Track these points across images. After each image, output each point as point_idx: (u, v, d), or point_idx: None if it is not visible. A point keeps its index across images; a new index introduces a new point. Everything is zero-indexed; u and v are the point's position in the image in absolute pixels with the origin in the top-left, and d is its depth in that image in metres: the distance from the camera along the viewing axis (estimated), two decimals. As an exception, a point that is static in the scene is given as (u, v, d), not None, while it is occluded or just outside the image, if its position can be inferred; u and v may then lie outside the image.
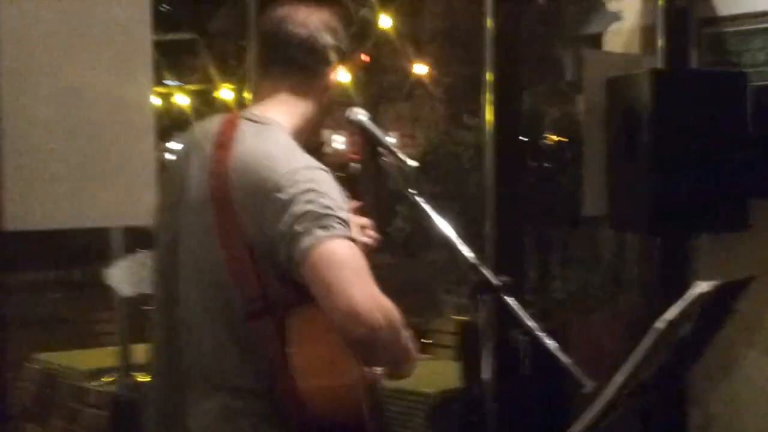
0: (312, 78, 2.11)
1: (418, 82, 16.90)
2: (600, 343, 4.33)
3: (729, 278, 2.71)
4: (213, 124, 2.07)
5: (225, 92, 11.65)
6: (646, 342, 2.18)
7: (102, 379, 4.49)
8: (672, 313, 2.21)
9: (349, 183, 2.50)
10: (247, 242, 1.87)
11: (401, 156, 2.39)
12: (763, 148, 4.17)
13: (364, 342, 1.72)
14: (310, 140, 2.38)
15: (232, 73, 10.80)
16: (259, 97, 2.14)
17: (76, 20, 2.86)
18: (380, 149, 2.41)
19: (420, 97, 20.77)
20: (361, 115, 2.38)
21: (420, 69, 15.08)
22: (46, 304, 9.97)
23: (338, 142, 20.94)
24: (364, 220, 2.13)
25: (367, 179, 8.26)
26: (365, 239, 2.06)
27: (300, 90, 2.10)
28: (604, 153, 4.21)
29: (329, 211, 1.82)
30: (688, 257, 4.36)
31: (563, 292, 5.93)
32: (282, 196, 1.84)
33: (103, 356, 4.75)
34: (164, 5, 11.13)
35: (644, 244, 4.58)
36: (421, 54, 14.92)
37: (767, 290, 4.11)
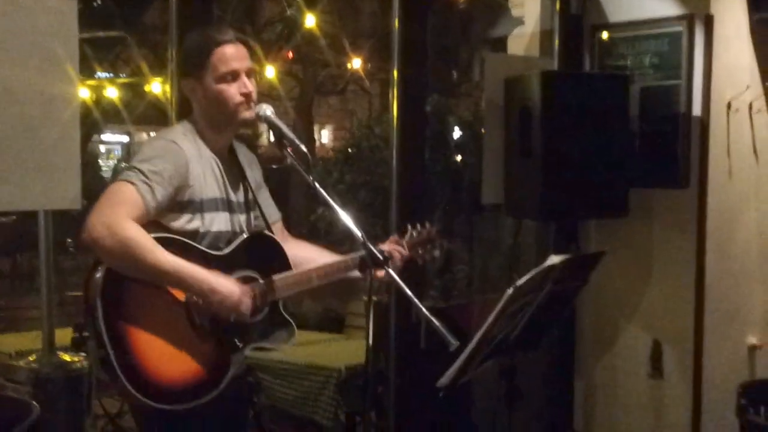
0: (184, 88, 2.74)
1: (353, 77, 17.10)
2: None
3: (584, 254, 3.04)
4: None
5: (155, 85, 11.80)
6: (500, 305, 2.54)
7: (28, 359, 4.50)
8: (522, 280, 2.57)
9: (284, 174, 2.85)
10: None
11: (302, 147, 2.74)
12: (642, 143, 4.56)
13: (87, 246, 2.37)
14: (238, 134, 2.72)
15: (163, 66, 10.97)
16: None
17: (6, 26, 3.15)
18: (285, 141, 2.76)
19: (354, 92, 20.96)
20: (267, 110, 2.73)
21: (355, 64, 15.32)
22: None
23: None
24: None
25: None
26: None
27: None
28: (501, 147, 4.53)
29: (134, 165, 2.49)
30: (577, 241, 4.72)
31: (465, 273, 6.30)
32: None
33: (28, 339, 4.96)
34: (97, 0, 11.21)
35: (539, 230, 4.92)
36: (358, 50, 15.15)
37: (642, 268, 4.56)
